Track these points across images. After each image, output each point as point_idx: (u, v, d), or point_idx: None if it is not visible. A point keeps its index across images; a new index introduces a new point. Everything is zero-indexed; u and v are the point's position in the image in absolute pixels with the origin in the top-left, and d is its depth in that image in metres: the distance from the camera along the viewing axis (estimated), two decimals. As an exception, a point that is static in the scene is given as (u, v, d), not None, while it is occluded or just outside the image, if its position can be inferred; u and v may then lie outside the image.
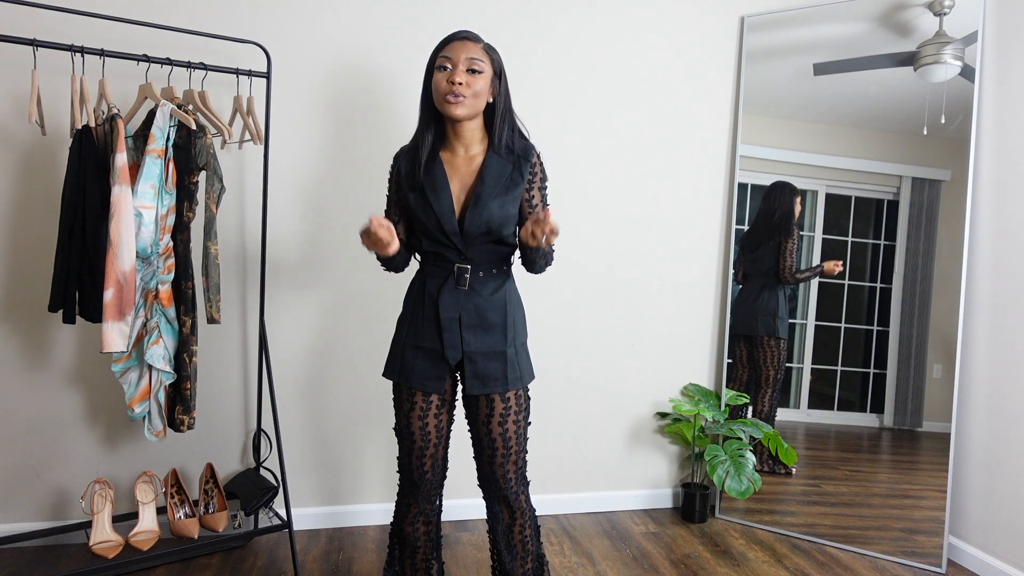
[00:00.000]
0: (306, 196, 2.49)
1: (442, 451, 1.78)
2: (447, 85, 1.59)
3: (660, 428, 2.92)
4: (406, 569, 1.86)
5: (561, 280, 2.74)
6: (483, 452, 1.72)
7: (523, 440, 1.73)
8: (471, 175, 1.67)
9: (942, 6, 2.48)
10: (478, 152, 1.69)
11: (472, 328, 1.66)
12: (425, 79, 1.68)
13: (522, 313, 1.77)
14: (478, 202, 1.63)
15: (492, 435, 1.69)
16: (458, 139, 1.68)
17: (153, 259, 1.98)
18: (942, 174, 2.55)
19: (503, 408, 1.68)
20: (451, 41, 1.63)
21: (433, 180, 1.65)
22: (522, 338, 1.75)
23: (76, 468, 2.36)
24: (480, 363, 1.67)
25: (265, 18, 2.39)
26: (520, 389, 1.71)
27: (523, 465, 1.75)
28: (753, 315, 2.85)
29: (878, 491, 2.63)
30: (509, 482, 1.72)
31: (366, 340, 2.57)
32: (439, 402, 1.72)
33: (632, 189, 2.80)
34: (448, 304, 1.66)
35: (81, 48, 1.91)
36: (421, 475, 1.75)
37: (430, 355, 1.69)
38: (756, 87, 2.82)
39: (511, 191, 1.66)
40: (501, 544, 1.76)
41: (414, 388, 1.70)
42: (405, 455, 1.75)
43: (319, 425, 2.58)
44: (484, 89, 1.63)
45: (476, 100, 1.62)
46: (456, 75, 1.59)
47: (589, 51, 2.70)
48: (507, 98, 1.69)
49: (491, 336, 1.68)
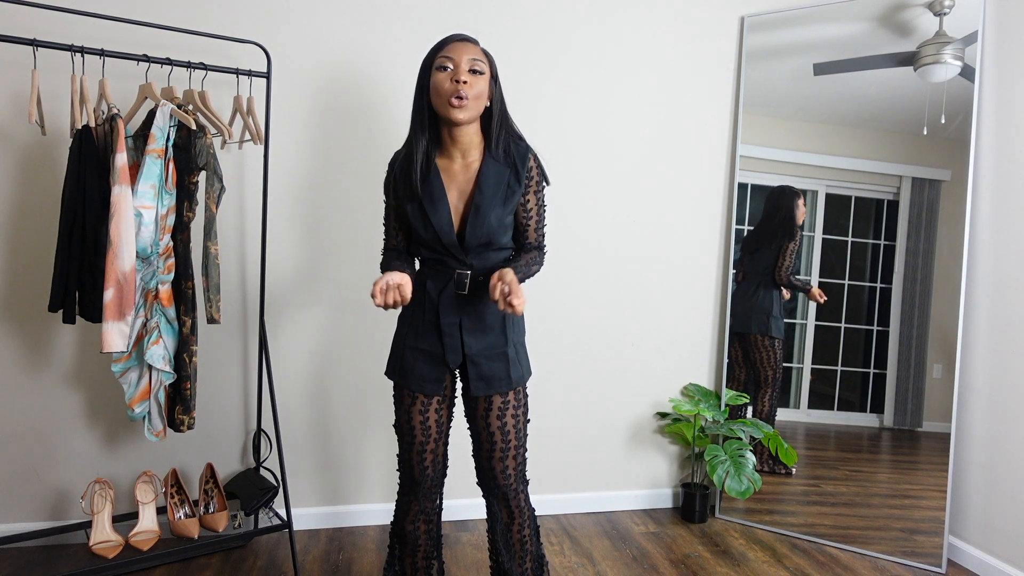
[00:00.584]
0: (306, 196, 2.49)
1: (442, 447, 1.78)
2: (452, 85, 1.56)
3: (660, 428, 2.92)
4: (406, 568, 1.86)
5: (561, 280, 2.74)
6: (482, 447, 1.72)
7: (522, 436, 1.73)
8: (469, 183, 1.65)
9: (942, 6, 2.48)
10: (475, 158, 1.66)
11: (473, 332, 1.67)
12: (419, 82, 1.65)
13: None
14: (478, 213, 1.62)
15: (491, 428, 1.69)
16: (455, 144, 1.65)
17: (153, 259, 1.98)
18: (942, 174, 2.55)
19: (502, 403, 1.69)
20: (451, 42, 1.61)
21: (431, 192, 1.63)
22: (520, 336, 1.75)
23: (76, 468, 2.36)
24: (484, 365, 1.67)
25: (265, 18, 2.39)
26: (521, 386, 1.72)
27: (522, 463, 1.75)
28: (748, 313, 2.85)
29: (878, 491, 2.63)
30: (508, 478, 1.71)
31: (366, 340, 2.57)
32: (440, 399, 1.73)
33: (632, 189, 2.80)
34: (448, 308, 1.66)
35: (81, 48, 1.91)
36: (422, 471, 1.76)
37: (430, 358, 1.69)
38: (756, 87, 2.82)
39: (510, 200, 1.65)
40: (499, 543, 1.76)
41: (413, 390, 1.70)
42: (405, 451, 1.76)
43: (319, 425, 2.58)
44: (484, 91, 1.61)
45: (478, 102, 1.60)
46: (460, 74, 1.56)
47: (588, 51, 2.70)
48: (502, 101, 1.68)
49: (491, 337, 1.68)
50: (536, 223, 1.72)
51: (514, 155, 1.66)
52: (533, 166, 1.68)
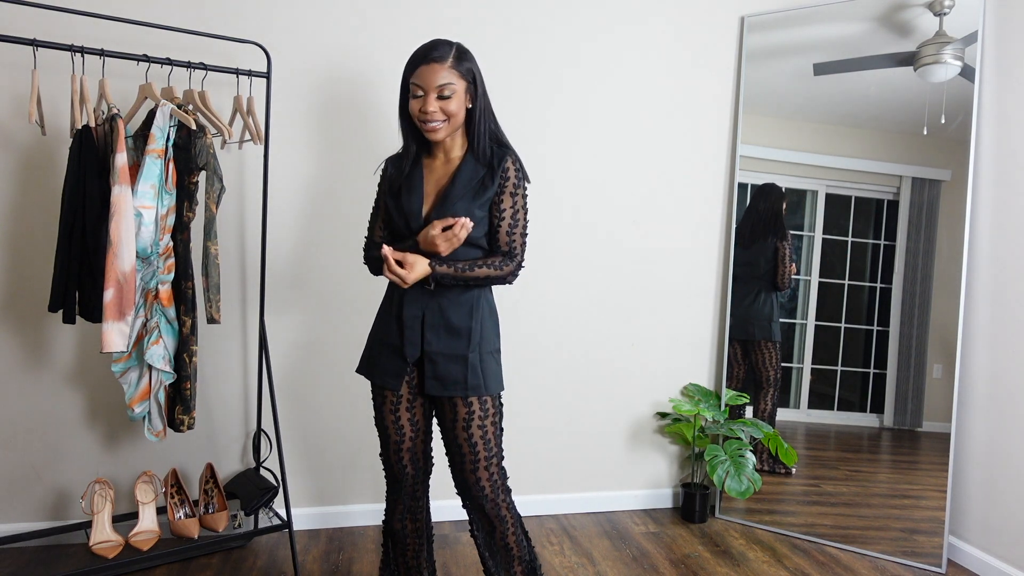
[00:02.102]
0: (306, 195, 2.49)
1: (420, 446, 1.79)
2: (421, 114, 1.62)
3: (660, 428, 2.92)
4: (399, 567, 1.87)
5: (561, 280, 2.74)
6: (453, 458, 1.73)
7: (493, 448, 1.70)
8: (446, 177, 1.70)
9: (942, 6, 2.48)
10: (457, 156, 1.72)
11: (434, 328, 1.67)
12: (401, 96, 1.69)
13: (493, 321, 1.74)
14: (444, 202, 1.65)
15: (458, 440, 1.69)
16: (438, 145, 1.72)
17: (153, 259, 1.98)
18: (942, 174, 2.55)
19: (466, 413, 1.67)
20: (418, 65, 1.61)
21: (410, 183, 1.69)
22: (491, 346, 1.71)
23: (76, 468, 2.36)
24: (440, 364, 1.67)
25: (265, 18, 2.39)
26: (486, 396, 1.68)
27: (498, 473, 1.72)
28: (749, 320, 2.85)
29: (878, 491, 2.63)
30: (482, 490, 1.70)
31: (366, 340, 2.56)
32: (409, 397, 1.73)
33: (632, 189, 2.80)
34: (412, 302, 1.67)
35: (81, 48, 1.91)
36: (400, 469, 1.78)
37: (392, 351, 1.71)
38: (756, 87, 2.81)
39: (480, 195, 1.66)
40: (484, 550, 1.76)
41: (378, 384, 1.74)
42: (383, 449, 1.79)
43: (319, 425, 2.58)
44: (459, 107, 1.63)
45: (453, 120, 1.64)
46: (428, 104, 1.60)
47: (587, 50, 2.70)
48: (484, 100, 1.69)
49: (454, 339, 1.67)
50: (508, 226, 1.68)
51: (492, 156, 1.69)
52: (510, 167, 1.68)
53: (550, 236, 2.69)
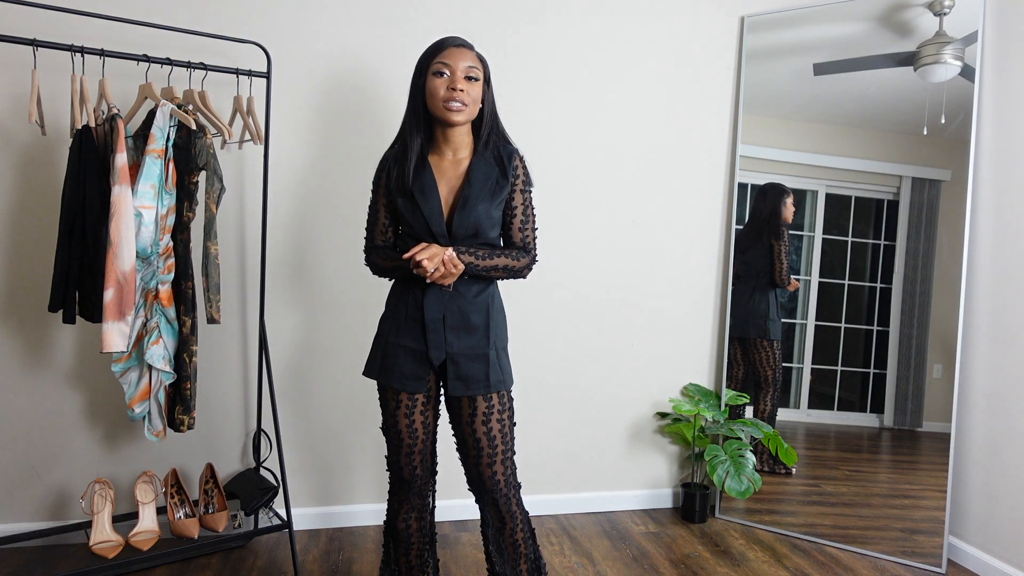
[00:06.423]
0: (306, 196, 2.49)
1: (430, 447, 1.79)
2: (448, 92, 1.62)
3: (660, 428, 2.92)
4: (401, 567, 1.87)
5: (561, 280, 2.74)
6: (468, 453, 1.73)
7: (509, 441, 1.73)
8: (458, 178, 1.69)
9: (942, 6, 2.48)
10: (465, 156, 1.72)
11: (455, 329, 1.68)
12: (414, 82, 1.69)
13: (503, 318, 1.77)
14: (466, 204, 1.65)
15: (476, 435, 1.70)
16: (447, 143, 1.71)
17: (153, 259, 1.98)
18: (942, 174, 2.55)
19: (486, 407, 1.69)
20: (447, 47, 1.65)
21: (422, 184, 1.67)
22: (503, 342, 1.75)
23: (76, 468, 2.36)
24: (463, 365, 1.68)
25: (265, 18, 2.39)
26: (503, 391, 1.72)
27: (512, 467, 1.75)
28: (745, 318, 2.85)
29: (878, 491, 2.63)
30: (497, 484, 1.71)
31: (367, 340, 2.55)
32: (424, 399, 1.73)
33: (632, 189, 2.80)
34: (433, 305, 1.67)
35: (81, 48, 1.91)
36: (411, 472, 1.77)
37: (413, 355, 1.70)
38: (756, 87, 2.82)
39: (497, 194, 1.68)
40: (492, 547, 1.76)
41: (396, 388, 1.71)
42: (393, 453, 1.77)
43: (319, 425, 2.58)
44: (479, 96, 1.67)
45: (474, 107, 1.67)
46: (457, 82, 1.62)
47: (587, 50, 2.70)
48: (494, 103, 1.73)
49: (474, 338, 1.69)
50: (521, 223, 1.74)
51: (501, 155, 1.71)
52: (519, 165, 1.73)
53: (550, 236, 2.69)
